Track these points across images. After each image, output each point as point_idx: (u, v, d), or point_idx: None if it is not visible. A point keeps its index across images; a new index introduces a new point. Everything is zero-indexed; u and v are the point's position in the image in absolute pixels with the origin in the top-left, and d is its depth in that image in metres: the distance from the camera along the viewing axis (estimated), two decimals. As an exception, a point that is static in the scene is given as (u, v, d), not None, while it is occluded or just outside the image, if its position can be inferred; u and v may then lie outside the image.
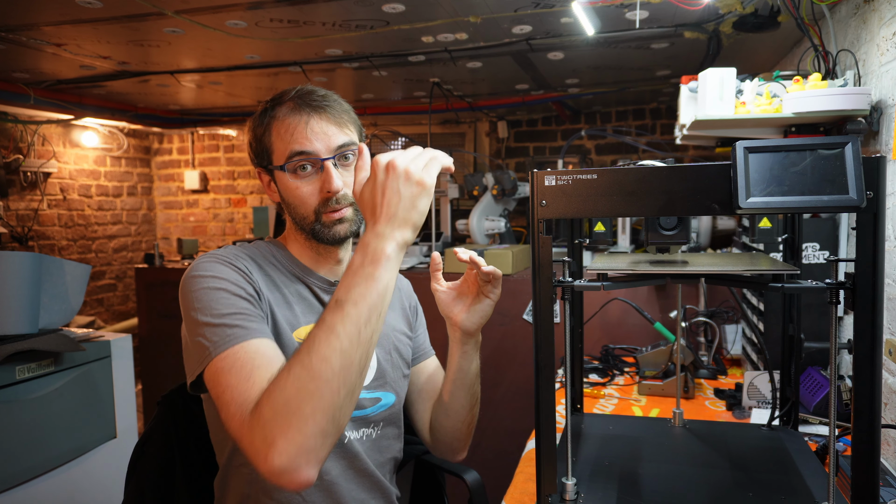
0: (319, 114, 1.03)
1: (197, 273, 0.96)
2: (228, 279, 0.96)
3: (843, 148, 0.75)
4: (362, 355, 0.81)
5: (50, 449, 1.73)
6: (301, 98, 1.04)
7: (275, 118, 1.04)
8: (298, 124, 1.02)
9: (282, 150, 1.03)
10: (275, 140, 1.04)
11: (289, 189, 1.05)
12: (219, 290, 0.94)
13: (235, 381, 0.84)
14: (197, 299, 0.93)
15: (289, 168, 1.03)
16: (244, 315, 0.92)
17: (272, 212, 3.64)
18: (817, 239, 1.65)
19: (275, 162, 1.05)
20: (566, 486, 0.95)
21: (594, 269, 0.96)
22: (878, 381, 0.77)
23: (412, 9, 1.98)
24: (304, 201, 1.04)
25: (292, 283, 1.08)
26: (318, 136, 1.02)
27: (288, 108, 1.04)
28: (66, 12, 1.98)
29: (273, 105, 1.06)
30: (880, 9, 1.42)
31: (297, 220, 1.07)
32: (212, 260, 0.99)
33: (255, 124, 1.08)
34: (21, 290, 1.70)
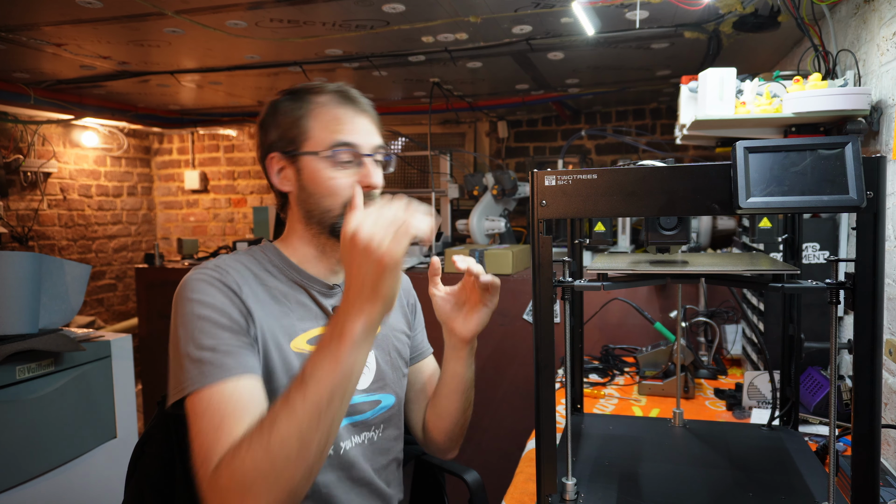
0: (364, 111, 1.06)
1: (186, 294, 0.95)
2: (214, 306, 0.93)
3: (843, 148, 0.75)
4: (321, 439, 0.80)
5: (50, 449, 1.73)
6: (344, 93, 1.05)
7: (317, 104, 1.03)
8: (345, 115, 1.03)
9: (323, 138, 1.02)
10: (314, 125, 1.02)
11: (321, 178, 1.02)
12: (202, 320, 0.92)
13: (206, 429, 0.84)
14: (182, 324, 0.93)
15: (330, 156, 1.02)
16: (223, 351, 0.90)
17: (272, 212, 3.64)
18: (817, 239, 1.65)
19: (310, 148, 1.02)
20: (566, 486, 0.95)
21: (594, 269, 0.96)
22: (878, 381, 0.77)
23: (412, 9, 1.98)
24: (337, 192, 1.02)
25: (290, 289, 1.06)
26: (363, 131, 1.04)
27: (331, 99, 1.04)
28: (67, 12, 1.98)
29: (307, 93, 1.04)
30: (880, 9, 1.42)
31: (317, 212, 1.04)
32: (203, 279, 0.96)
33: (288, 107, 1.04)
34: (21, 290, 1.70)
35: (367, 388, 1.10)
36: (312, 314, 1.07)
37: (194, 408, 0.88)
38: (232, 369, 0.89)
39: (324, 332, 0.83)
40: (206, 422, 0.85)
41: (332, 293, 1.10)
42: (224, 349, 0.91)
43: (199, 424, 0.86)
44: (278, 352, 0.99)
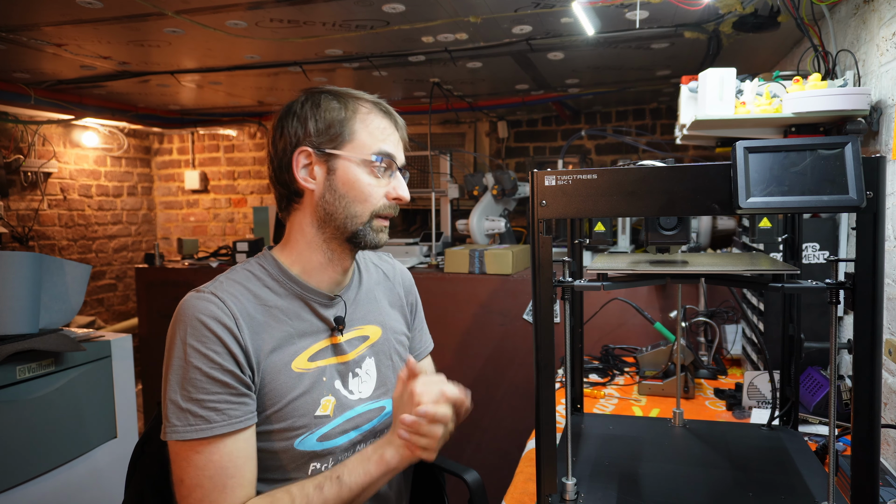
0: (402, 129, 1.10)
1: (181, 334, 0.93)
2: (208, 355, 0.92)
3: (842, 148, 0.76)
4: None
5: (50, 449, 1.73)
6: (384, 106, 1.07)
7: (363, 109, 1.04)
8: (389, 128, 1.06)
9: (368, 144, 1.02)
10: (360, 128, 1.03)
11: (359, 183, 1.02)
12: (195, 369, 0.91)
13: (209, 486, 0.91)
14: (173, 368, 0.93)
15: (373, 163, 1.02)
16: (212, 404, 0.91)
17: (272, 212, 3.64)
18: (817, 239, 1.66)
19: (352, 150, 1.02)
20: (566, 485, 0.95)
21: (594, 269, 0.96)
22: (877, 380, 0.77)
23: (412, 9, 1.98)
24: (368, 199, 1.03)
25: (290, 303, 1.03)
26: (400, 147, 1.08)
27: (375, 108, 1.06)
28: (67, 12, 1.99)
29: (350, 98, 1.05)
30: (880, 9, 1.42)
31: (342, 216, 1.02)
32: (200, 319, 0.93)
33: (331, 105, 1.03)
34: (21, 290, 1.70)
35: (371, 395, 1.10)
36: (313, 328, 1.05)
37: (185, 456, 0.91)
38: (219, 425, 0.91)
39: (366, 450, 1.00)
40: (205, 478, 0.91)
41: (333, 304, 1.08)
42: (212, 404, 0.91)
43: (196, 478, 0.91)
44: (278, 377, 0.98)
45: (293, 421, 0.99)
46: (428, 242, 3.17)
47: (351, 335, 1.11)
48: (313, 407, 1.01)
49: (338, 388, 1.05)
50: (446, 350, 2.72)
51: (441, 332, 1.22)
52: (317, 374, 1.03)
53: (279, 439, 0.99)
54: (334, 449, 1.03)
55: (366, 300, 1.16)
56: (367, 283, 1.19)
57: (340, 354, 1.08)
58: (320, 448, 1.01)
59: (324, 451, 1.01)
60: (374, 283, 1.21)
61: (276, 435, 0.98)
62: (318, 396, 1.02)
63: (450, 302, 2.70)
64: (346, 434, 1.04)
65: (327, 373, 1.05)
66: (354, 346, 1.10)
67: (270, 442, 0.98)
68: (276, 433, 0.98)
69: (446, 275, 2.74)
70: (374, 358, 1.13)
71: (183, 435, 0.90)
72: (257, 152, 4.70)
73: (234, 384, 0.93)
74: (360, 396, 1.08)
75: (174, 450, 0.92)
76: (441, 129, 4.31)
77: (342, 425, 1.04)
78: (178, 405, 0.91)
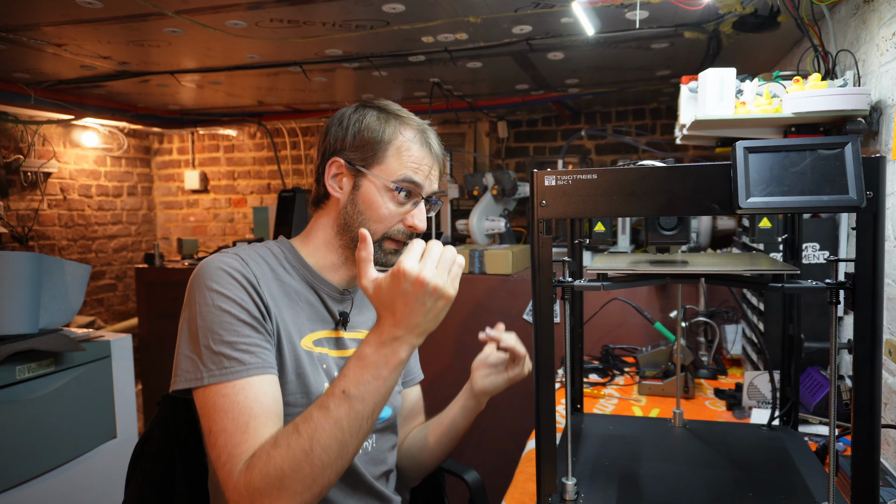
0: (439, 162, 1.10)
1: (206, 282, 0.94)
2: (236, 300, 0.93)
3: (842, 148, 0.75)
4: (358, 444, 0.87)
5: (50, 449, 1.73)
6: (429, 137, 1.08)
7: (402, 136, 1.05)
8: (425, 160, 1.06)
9: (396, 169, 1.04)
10: (393, 154, 1.04)
11: (376, 203, 1.04)
12: (224, 313, 0.92)
13: (232, 428, 0.86)
14: (201, 314, 0.93)
15: (394, 189, 1.04)
16: (245, 346, 0.91)
17: (272, 212, 3.64)
18: (817, 239, 1.65)
19: (379, 172, 1.04)
20: (566, 486, 0.95)
21: (594, 269, 0.96)
22: (878, 380, 0.77)
23: (412, 9, 1.98)
24: (384, 221, 1.05)
25: (302, 288, 1.07)
26: (432, 179, 1.08)
27: (417, 137, 1.06)
28: (67, 12, 1.98)
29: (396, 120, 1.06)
30: (880, 9, 1.42)
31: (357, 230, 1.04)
32: (223, 268, 0.95)
33: (377, 127, 1.05)
34: (21, 290, 1.70)
35: None
36: (320, 317, 1.08)
37: (213, 402, 0.88)
38: (253, 367, 0.90)
39: (364, 352, 0.87)
40: (230, 420, 0.87)
41: (343, 299, 1.11)
42: (244, 346, 0.91)
43: (223, 422, 0.87)
44: (290, 347, 1.00)
45: (299, 396, 0.99)
46: (428, 242, 3.17)
47: (353, 335, 1.12)
48: (317, 388, 1.01)
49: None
50: (446, 350, 2.71)
51: (441, 333, 1.22)
52: (320, 359, 1.05)
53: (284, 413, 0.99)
54: None
55: (371, 307, 1.18)
56: None
57: (341, 349, 1.10)
58: None
59: None
60: None
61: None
62: (321, 379, 1.03)
63: (450, 302, 2.70)
64: None
65: (327, 362, 1.06)
66: (354, 346, 1.12)
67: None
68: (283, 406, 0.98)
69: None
70: None
71: (222, 377, 0.88)
72: (257, 152, 4.70)
73: (263, 330, 0.95)
74: None
75: (202, 398, 0.90)
76: (441, 129, 4.31)
77: None
78: (211, 349, 0.90)
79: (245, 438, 0.86)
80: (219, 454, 0.86)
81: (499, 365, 1.24)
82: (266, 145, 4.63)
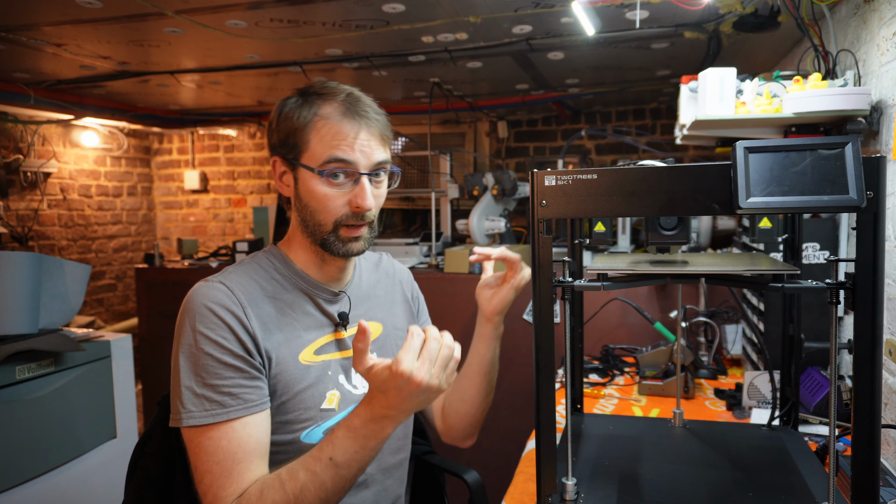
0: (369, 126, 1.01)
1: (191, 321, 0.94)
2: (219, 341, 0.93)
3: (843, 148, 0.75)
4: (340, 497, 0.90)
5: (50, 449, 1.73)
6: (352, 104, 1.00)
7: (320, 116, 0.99)
8: (348, 132, 0.99)
9: (319, 152, 0.99)
10: (313, 138, 0.99)
11: (314, 193, 1.00)
12: (207, 356, 0.92)
13: (217, 470, 0.89)
14: (184, 355, 0.93)
15: (324, 174, 0.99)
16: (227, 389, 0.92)
17: (272, 212, 3.63)
18: (817, 239, 1.65)
19: (306, 160, 1.00)
20: (566, 486, 0.95)
21: (594, 269, 0.96)
22: (878, 381, 0.77)
23: (412, 9, 1.98)
24: (328, 209, 1.00)
25: (296, 297, 1.05)
26: (363, 149, 1.00)
27: (336, 111, 0.99)
28: (67, 12, 1.98)
29: (318, 100, 1.00)
30: (880, 9, 1.42)
31: (311, 226, 1.03)
32: (209, 306, 0.94)
33: (293, 115, 1.01)
34: (21, 290, 1.70)
35: None
36: (317, 323, 1.07)
37: (198, 442, 0.91)
38: (235, 410, 0.92)
39: (354, 423, 0.89)
40: (214, 463, 0.90)
41: (337, 300, 1.11)
42: (227, 388, 0.92)
43: (207, 463, 0.90)
44: (286, 368, 0.99)
45: (299, 413, 0.99)
46: (428, 242, 3.17)
47: (354, 331, 1.11)
48: (319, 400, 1.02)
49: (342, 383, 1.07)
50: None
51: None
52: (322, 368, 1.04)
53: (285, 431, 0.99)
54: None
55: (367, 297, 1.18)
56: (369, 281, 1.20)
57: (344, 349, 1.09)
58: None
59: None
60: (376, 280, 1.22)
61: (282, 427, 0.99)
62: (323, 390, 1.03)
63: (450, 302, 2.70)
64: None
65: (332, 367, 1.06)
66: None
67: (278, 434, 0.99)
68: (283, 425, 0.99)
69: (446, 275, 2.74)
70: (377, 353, 1.14)
71: (200, 420, 0.91)
72: (257, 152, 4.70)
73: (246, 368, 0.94)
74: (363, 391, 1.09)
75: (188, 436, 0.93)
76: (441, 129, 4.31)
77: None
78: (194, 391, 0.92)
79: (230, 482, 0.89)
80: (204, 493, 0.90)
81: (498, 280, 1.22)
82: (266, 145, 4.62)
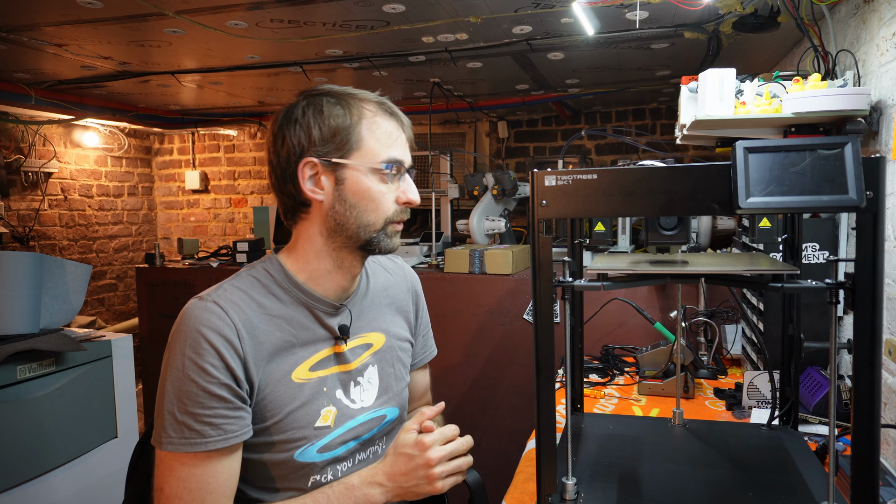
0: (407, 129, 1.05)
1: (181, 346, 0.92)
2: (206, 369, 0.91)
3: (842, 148, 0.76)
4: None
5: (50, 449, 1.74)
6: (388, 107, 1.03)
7: (368, 115, 0.99)
8: (397, 132, 1.02)
9: (376, 151, 0.98)
10: (367, 137, 0.98)
11: (368, 192, 0.98)
12: (192, 382, 0.91)
13: (188, 499, 0.91)
14: (170, 378, 0.92)
15: (383, 171, 0.99)
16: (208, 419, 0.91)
17: (272, 212, 3.64)
18: (817, 239, 1.65)
19: (362, 159, 0.98)
20: (566, 485, 0.95)
21: (594, 269, 0.97)
22: (877, 380, 0.77)
23: (412, 9, 1.98)
24: (381, 207, 1.00)
25: (295, 312, 1.02)
26: (407, 148, 1.04)
27: (380, 110, 1.01)
28: (67, 12, 1.99)
29: (355, 99, 0.99)
30: (880, 9, 1.42)
31: (355, 227, 1.00)
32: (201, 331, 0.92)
33: (335, 111, 0.98)
34: (22, 290, 1.70)
35: (373, 404, 1.09)
36: (316, 337, 1.04)
37: (171, 466, 0.92)
38: (213, 441, 0.91)
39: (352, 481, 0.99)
40: (185, 491, 0.91)
41: (338, 312, 1.07)
42: (208, 418, 0.91)
43: (177, 488, 0.91)
44: (276, 388, 0.98)
45: (292, 433, 0.98)
46: (428, 242, 3.18)
47: (354, 343, 1.09)
48: (313, 418, 1.00)
49: (339, 398, 1.05)
50: (446, 350, 2.71)
51: (441, 333, 1.21)
52: (317, 385, 1.02)
53: (279, 451, 0.98)
54: (334, 459, 1.02)
55: (370, 307, 1.14)
56: (374, 289, 1.17)
57: (343, 363, 1.07)
58: (320, 459, 1.00)
59: (323, 463, 1.01)
60: (381, 288, 1.18)
61: (276, 446, 0.98)
62: (318, 407, 1.01)
63: (450, 302, 2.70)
64: (345, 444, 1.04)
65: (328, 382, 1.04)
66: (357, 354, 1.09)
67: (271, 454, 0.98)
68: (276, 444, 0.98)
69: (446, 275, 2.74)
70: (378, 366, 1.12)
71: (178, 447, 0.90)
72: (257, 152, 4.70)
73: (230, 398, 0.92)
74: (362, 405, 1.07)
75: (160, 458, 0.93)
76: (441, 129, 4.31)
77: (343, 436, 1.03)
78: (175, 417, 0.91)
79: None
80: None
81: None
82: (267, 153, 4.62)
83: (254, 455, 0.98)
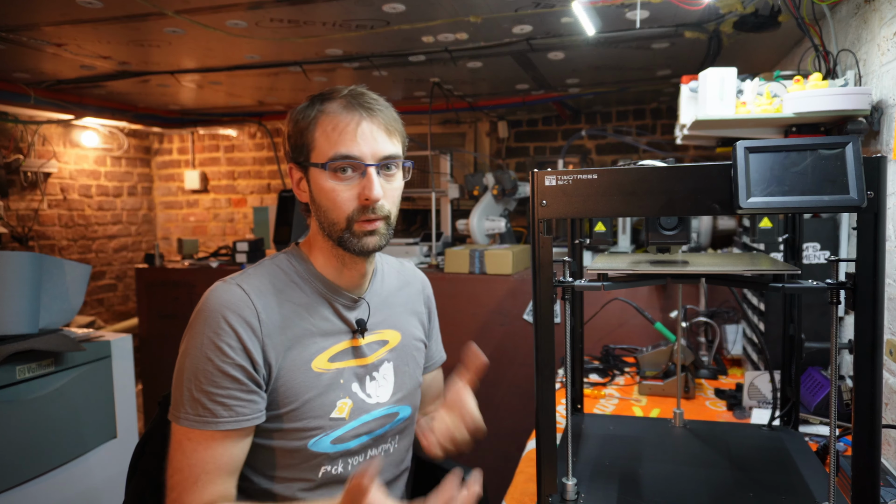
0: (371, 117, 0.99)
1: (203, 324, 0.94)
2: (224, 349, 0.93)
3: (843, 148, 0.75)
4: None
5: (50, 449, 1.73)
6: (354, 98, 1.00)
7: (323, 113, 0.99)
8: (349, 124, 0.98)
9: (325, 149, 0.98)
10: (318, 136, 0.99)
11: (324, 191, 0.99)
12: (209, 361, 0.93)
13: (187, 472, 0.92)
14: (190, 355, 0.94)
15: (330, 168, 0.98)
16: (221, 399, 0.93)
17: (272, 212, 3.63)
18: (818, 239, 1.65)
19: (314, 159, 1.00)
20: (566, 486, 0.95)
21: (594, 269, 0.96)
22: (878, 380, 0.77)
23: (412, 9, 1.97)
24: (339, 206, 0.99)
25: (315, 302, 1.04)
26: (367, 140, 0.98)
27: (339, 106, 0.99)
28: (67, 12, 1.98)
29: (322, 100, 1.01)
30: (881, 8, 1.42)
31: (326, 225, 1.02)
32: (223, 312, 0.94)
33: (300, 117, 1.01)
34: (21, 290, 1.70)
35: (388, 401, 1.10)
36: (335, 328, 1.06)
37: (180, 440, 0.94)
38: (224, 422, 0.93)
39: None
40: (186, 465, 0.92)
41: (357, 306, 1.09)
42: (221, 398, 0.93)
43: (180, 462, 0.93)
44: (295, 375, 0.99)
45: (308, 421, 0.99)
46: (428, 242, 3.17)
47: (371, 338, 1.11)
48: (329, 408, 1.01)
49: (355, 391, 1.05)
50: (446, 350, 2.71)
51: (441, 333, 1.22)
52: (335, 376, 1.03)
53: (293, 439, 0.99)
54: (346, 452, 1.03)
55: (386, 304, 1.16)
56: (389, 288, 1.18)
57: (360, 357, 1.08)
58: (333, 451, 1.01)
59: (336, 454, 1.02)
60: (396, 288, 1.20)
61: (290, 434, 0.99)
62: (334, 398, 1.02)
63: (450, 302, 2.70)
64: (358, 438, 1.04)
65: (345, 375, 1.05)
66: (374, 349, 1.10)
67: (284, 441, 0.99)
68: (291, 432, 0.99)
69: (446, 275, 2.74)
70: (393, 363, 1.13)
71: (191, 424, 0.92)
72: (257, 152, 4.70)
73: (245, 380, 0.94)
74: (377, 400, 1.08)
75: (174, 431, 0.95)
76: (441, 129, 4.31)
77: (356, 429, 1.04)
78: (192, 393, 0.93)
79: (193, 490, 0.92)
80: (172, 488, 0.93)
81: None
82: (266, 145, 4.62)
83: (266, 441, 0.99)
